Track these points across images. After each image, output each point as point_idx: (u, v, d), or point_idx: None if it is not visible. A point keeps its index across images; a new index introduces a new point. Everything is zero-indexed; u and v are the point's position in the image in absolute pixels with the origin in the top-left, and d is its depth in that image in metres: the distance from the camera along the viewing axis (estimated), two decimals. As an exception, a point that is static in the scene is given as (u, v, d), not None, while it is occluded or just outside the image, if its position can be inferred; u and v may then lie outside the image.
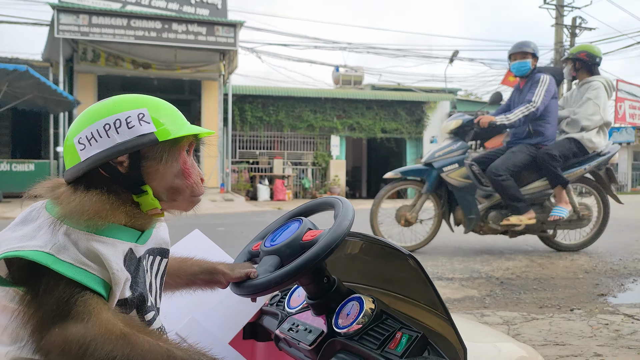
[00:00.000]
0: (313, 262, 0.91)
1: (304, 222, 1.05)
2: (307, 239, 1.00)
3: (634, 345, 2.60)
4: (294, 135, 17.25)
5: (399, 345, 0.89)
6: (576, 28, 22.20)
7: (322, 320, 1.04)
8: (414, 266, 0.89)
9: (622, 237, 6.67)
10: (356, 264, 1.18)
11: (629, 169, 27.54)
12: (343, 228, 0.95)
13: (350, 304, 1.03)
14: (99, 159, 0.78)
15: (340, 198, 1.07)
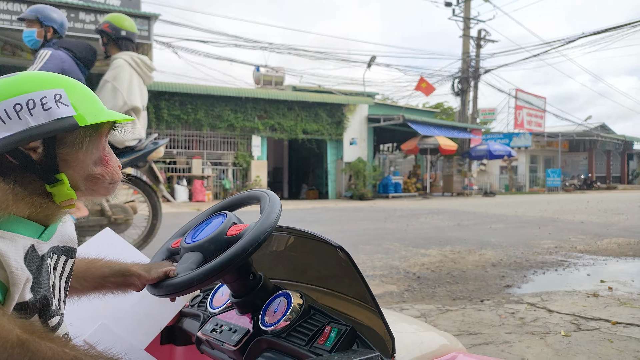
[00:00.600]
0: (239, 257, 0.85)
1: (228, 216, 0.99)
2: (232, 234, 0.94)
3: (536, 331, 2.81)
4: (213, 135, 16.80)
5: (328, 340, 0.86)
6: (481, 40, 23.98)
7: (247, 319, 0.99)
8: (344, 258, 0.87)
9: (524, 233, 7.27)
10: (283, 259, 1.14)
11: (527, 172, 30.20)
12: (270, 221, 0.90)
13: (278, 300, 0.98)
14: (7, 143, 0.67)
15: (266, 191, 1.02)
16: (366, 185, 18.17)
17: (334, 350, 0.84)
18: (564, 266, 4.87)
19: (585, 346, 2.52)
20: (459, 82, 23.35)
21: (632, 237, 6.68)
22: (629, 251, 5.72)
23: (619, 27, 19.18)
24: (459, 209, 11.82)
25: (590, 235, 6.95)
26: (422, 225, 8.26)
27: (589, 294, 3.70)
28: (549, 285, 4.11)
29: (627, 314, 3.12)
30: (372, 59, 20.44)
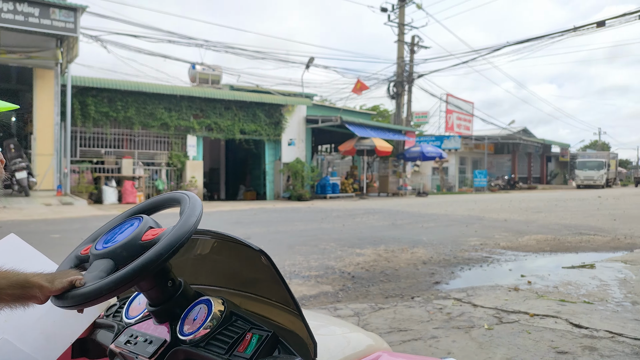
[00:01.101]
0: (154, 263, 0.80)
1: (144, 220, 0.93)
2: (147, 239, 0.88)
3: (462, 325, 2.94)
4: (145, 134, 16.10)
5: (249, 347, 0.84)
6: (415, 45, 24.85)
7: (165, 329, 0.94)
8: (265, 262, 0.85)
9: (453, 231, 7.61)
10: (206, 264, 1.10)
11: (456, 172, 31.69)
12: (189, 225, 0.86)
13: (198, 307, 0.94)
14: None
15: (187, 193, 0.97)
16: (304, 186, 18.22)
17: (254, 357, 0.82)
18: (488, 262, 5.15)
19: (506, 338, 2.67)
20: (394, 85, 24.06)
21: (549, 234, 7.19)
22: (546, 247, 6.15)
23: (539, 37, 20.62)
24: (393, 209, 12.16)
25: (513, 232, 7.41)
26: (358, 225, 8.41)
27: (510, 288, 3.93)
28: (474, 281, 4.32)
29: (544, 306, 3.34)
30: (311, 60, 20.55)
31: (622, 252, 5.77)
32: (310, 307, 3.50)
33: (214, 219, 9.78)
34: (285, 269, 4.75)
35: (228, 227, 8.17)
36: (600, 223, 8.59)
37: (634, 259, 5.22)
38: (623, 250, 5.86)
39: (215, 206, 13.95)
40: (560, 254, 5.73)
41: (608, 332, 2.73)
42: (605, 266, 4.84)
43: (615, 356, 2.37)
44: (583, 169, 36.59)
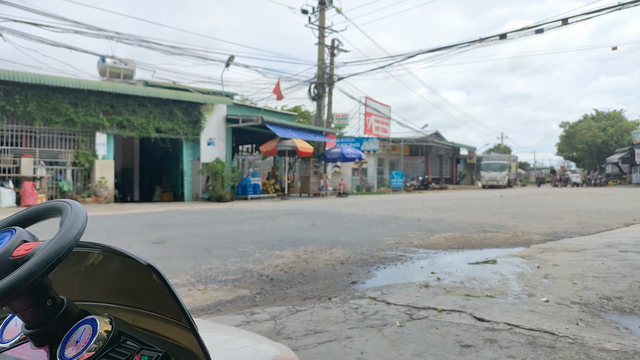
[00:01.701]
0: (24, 282, 0.71)
1: (17, 232, 0.82)
2: (19, 254, 0.78)
3: (375, 324, 3.01)
4: (48, 131, 14.83)
5: None
6: (335, 49, 25.33)
7: (44, 354, 0.84)
8: (155, 276, 0.79)
9: (370, 230, 7.83)
10: (94, 279, 1.00)
11: (375, 173, 32.79)
12: (69, 238, 0.77)
13: (82, 328, 0.85)
14: None
15: (69, 201, 0.87)
16: (224, 187, 17.83)
17: None
18: (402, 260, 5.35)
19: (416, 335, 2.78)
20: (315, 87, 24.35)
21: (456, 232, 7.65)
22: (454, 244, 6.53)
23: (449, 47, 21.92)
24: (314, 210, 12.28)
25: (425, 231, 7.79)
26: (278, 226, 8.37)
27: (421, 285, 4.11)
28: (389, 279, 4.46)
29: (451, 301, 3.53)
30: (231, 58, 20.16)
31: (521, 247, 6.29)
32: (226, 312, 3.41)
33: (127, 222, 9.24)
34: (201, 273, 4.59)
35: (140, 231, 7.75)
36: (502, 221, 9.30)
37: (530, 254, 5.70)
38: (521, 246, 6.38)
39: (127, 208, 13.19)
40: (467, 250, 6.11)
41: (507, 324, 2.94)
42: (505, 261, 5.23)
43: (512, 347, 2.55)
44: (487, 170, 39.61)
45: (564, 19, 18.10)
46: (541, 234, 7.47)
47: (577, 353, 2.42)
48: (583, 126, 55.54)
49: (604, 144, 52.51)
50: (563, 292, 3.84)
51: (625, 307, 3.39)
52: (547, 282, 4.25)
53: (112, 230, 7.80)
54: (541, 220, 9.35)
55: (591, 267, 4.74)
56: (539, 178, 48.05)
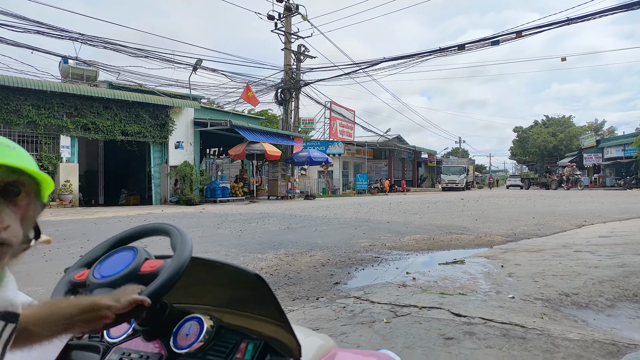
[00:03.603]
0: (161, 294, 0.92)
1: (139, 252, 1.02)
2: (146, 270, 0.98)
3: (365, 320, 3.30)
4: (9, 133, 14.34)
5: (246, 354, 1.00)
6: (301, 54, 25.61)
7: (156, 345, 1.05)
8: (258, 283, 1.03)
9: (344, 233, 8.14)
10: (188, 285, 1.22)
11: (340, 176, 33.25)
12: (185, 258, 0.96)
13: (188, 324, 1.07)
14: None
15: (175, 225, 1.08)
16: (193, 190, 17.75)
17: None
18: (378, 262, 5.68)
19: (403, 329, 3.08)
20: (282, 92, 24.54)
21: (425, 234, 8.07)
22: (424, 246, 6.92)
23: (411, 55, 22.62)
24: (286, 213, 12.49)
25: (395, 233, 8.17)
26: (255, 230, 8.55)
27: (399, 285, 4.43)
28: (368, 280, 4.76)
29: (429, 299, 3.87)
30: (198, 62, 20.08)
31: (484, 248, 6.75)
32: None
33: (102, 227, 9.16)
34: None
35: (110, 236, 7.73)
36: (465, 223, 9.83)
37: (494, 254, 6.15)
38: (485, 247, 6.85)
39: (95, 212, 12.96)
40: (436, 251, 6.51)
41: (481, 319, 3.30)
42: (472, 262, 5.64)
43: (489, 338, 2.89)
44: (447, 173, 40.88)
45: (518, 32, 19.09)
46: (502, 235, 7.99)
47: (545, 342, 2.79)
48: (534, 131, 58.26)
49: (554, 148, 55.28)
50: (526, 290, 4.24)
51: (582, 302, 3.82)
52: (512, 280, 4.66)
53: (90, 236, 7.75)
54: (501, 222, 9.94)
55: (550, 266, 5.21)
56: (490, 182, 50.73)
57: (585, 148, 45.27)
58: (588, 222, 10.03)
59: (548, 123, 59.21)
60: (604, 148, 42.31)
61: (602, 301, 3.83)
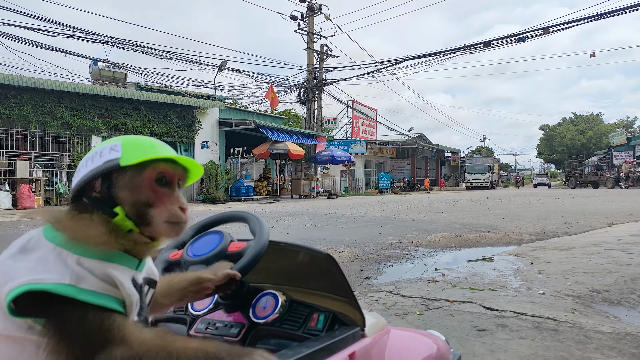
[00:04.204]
0: (248, 270, 1.08)
1: (225, 235, 1.19)
2: (232, 250, 1.14)
3: (398, 313, 3.40)
4: (44, 134, 14.90)
5: (318, 323, 1.14)
6: (324, 54, 25.73)
7: (237, 316, 1.21)
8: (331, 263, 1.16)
9: (370, 231, 8.23)
10: (260, 264, 1.37)
11: (362, 175, 33.27)
12: (264, 240, 1.14)
13: (264, 298, 1.22)
14: (78, 184, 0.84)
15: (252, 213, 1.25)
16: (218, 189, 18.08)
17: (324, 330, 1.13)
18: (406, 258, 5.76)
19: (436, 321, 3.17)
20: (305, 91, 24.72)
21: (452, 232, 8.09)
22: (451, 244, 6.96)
23: (435, 53, 22.51)
24: (311, 211, 12.64)
25: (421, 231, 8.21)
26: (283, 227, 8.72)
27: (429, 280, 4.51)
28: (398, 275, 4.86)
29: (459, 294, 3.94)
30: (224, 63, 20.41)
31: (513, 246, 6.75)
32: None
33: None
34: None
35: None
36: (492, 221, 9.79)
37: (523, 252, 6.16)
38: (513, 245, 6.84)
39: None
40: (464, 249, 6.55)
41: (513, 312, 3.36)
42: (501, 259, 5.67)
43: (521, 330, 2.96)
44: (472, 172, 40.39)
45: (545, 28, 18.80)
46: (530, 233, 7.96)
47: (577, 335, 2.84)
48: (562, 129, 57.05)
49: (583, 146, 54.03)
50: (557, 286, 4.27)
51: (613, 299, 3.84)
52: (542, 277, 4.68)
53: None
54: (529, 221, 9.87)
55: (580, 264, 5.20)
56: (518, 181, 49.58)
57: (615, 146, 44.10)
58: (619, 220, 9.87)
59: (576, 120, 57.92)
60: (635, 146, 41.13)
61: (634, 298, 3.84)
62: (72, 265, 0.75)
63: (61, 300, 0.72)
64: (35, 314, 0.73)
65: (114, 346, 0.72)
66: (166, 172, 0.87)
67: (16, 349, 0.73)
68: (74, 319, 0.72)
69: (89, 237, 0.78)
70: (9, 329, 0.73)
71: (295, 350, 0.96)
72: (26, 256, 0.76)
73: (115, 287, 0.78)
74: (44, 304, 0.72)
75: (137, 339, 0.75)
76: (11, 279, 0.72)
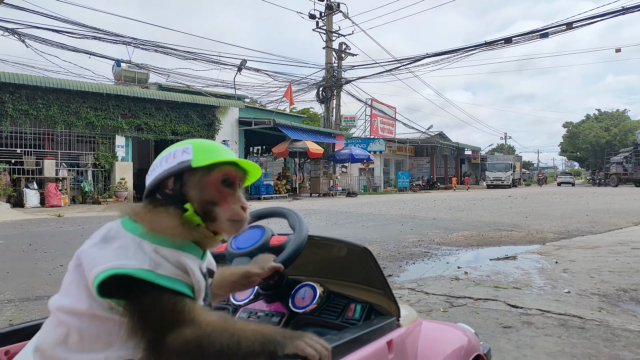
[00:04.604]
0: (291, 261, 1.14)
1: (266, 229, 1.25)
2: (274, 244, 1.21)
3: (422, 309, 3.42)
4: (69, 134, 15.28)
5: (355, 313, 1.20)
6: (342, 52, 25.71)
7: (277, 306, 1.26)
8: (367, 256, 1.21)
9: (391, 229, 8.23)
10: (305, 259, 1.43)
11: (381, 174, 33.16)
12: (304, 235, 1.20)
13: (303, 290, 1.28)
14: (153, 181, 0.93)
15: (291, 209, 1.32)
16: (238, 188, 18.24)
17: (361, 320, 1.18)
18: (428, 256, 5.75)
19: (460, 318, 3.19)
20: (323, 90, 24.75)
21: (473, 230, 8.05)
22: (473, 242, 6.92)
23: (455, 50, 22.28)
24: (331, 209, 12.69)
25: (443, 229, 8.18)
26: (302, 225, 8.78)
27: (452, 278, 4.51)
28: (420, 273, 4.86)
29: (483, 292, 3.94)
30: (243, 63, 20.59)
31: (536, 245, 6.68)
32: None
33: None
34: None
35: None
36: (515, 220, 9.69)
37: (547, 251, 6.10)
38: (536, 244, 6.77)
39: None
40: (486, 247, 6.51)
41: (538, 310, 3.35)
42: (525, 257, 5.63)
43: (547, 327, 2.96)
44: (492, 170, 39.86)
45: (568, 24, 18.43)
46: (554, 232, 7.85)
47: (604, 332, 2.83)
48: (586, 126, 55.81)
49: (607, 143, 52.77)
50: (582, 285, 4.22)
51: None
52: (567, 276, 4.64)
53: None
54: (552, 219, 9.74)
55: (606, 263, 5.13)
56: (540, 179, 48.72)
57: (642, 143, 42.95)
58: (645, 219, 9.67)
59: (601, 117, 56.61)
60: (662, 143, 40.01)
61: (663, 297, 3.79)
62: (150, 252, 0.83)
63: (140, 283, 0.80)
64: (118, 295, 0.81)
65: (184, 326, 0.80)
66: (230, 174, 0.94)
67: (99, 326, 0.82)
68: (151, 300, 0.80)
69: (166, 228, 0.86)
70: (94, 308, 0.82)
71: (339, 335, 1.01)
72: (108, 245, 0.85)
73: (187, 273, 0.85)
74: (125, 287, 0.80)
75: (205, 320, 0.83)
76: (97, 264, 0.81)
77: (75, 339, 0.82)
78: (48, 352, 0.84)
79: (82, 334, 0.82)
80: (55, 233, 7.53)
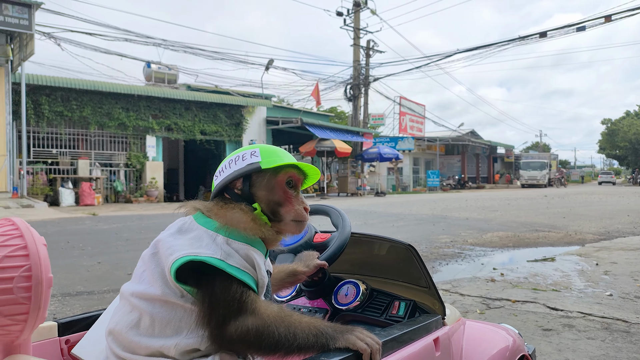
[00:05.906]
0: (334, 259, 1.11)
1: (309, 226, 1.23)
2: (317, 241, 1.19)
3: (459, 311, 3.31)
4: (102, 134, 15.68)
5: (399, 310, 1.15)
6: (370, 50, 25.52)
7: (320, 302, 1.24)
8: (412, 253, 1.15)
9: (422, 229, 8.08)
10: (347, 256, 1.40)
11: (410, 173, 32.78)
12: (347, 233, 1.19)
13: (346, 287, 1.25)
14: (223, 181, 0.98)
15: (334, 207, 1.29)
16: (266, 187, 18.34)
17: (405, 317, 1.12)
18: (462, 257, 5.60)
19: (498, 320, 3.05)
20: (351, 88, 24.62)
21: (508, 231, 7.81)
22: (508, 243, 6.71)
23: (487, 45, 21.80)
24: (360, 209, 12.59)
25: (476, 230, 7.98)
26: (331, 224, 8.72)
27: (487, 280, 4.36)
28: (454, 274, 4.73)
29: (521, 294, 3.78)
30: (270, 62, 20.69)
31: (575, 246, 6.42)
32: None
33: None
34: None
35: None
36: (552, 221, 9.37)
37: (587, 252, 5.85)
38: (576, 245, 6.51)
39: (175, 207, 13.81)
40: (522, 248, 6.29)
41: (580, 313, 3.19)
42: (563, 259, 5.41)
43: (589, 331, 2.80)
44: (527, 169, 38.80)
45: (607, 16, 17.76)
46: (594, 233, 7.54)
47: (654, 338, 2.65)
48: (626, 123, 53.72)
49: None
50: (625, 288, 4.01)
51: (692, 301, 3.56)
52: (608, 278, 4.42)
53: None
54: (592, 220, 9.37)
55: (652, 264, 4.87)
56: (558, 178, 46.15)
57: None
58: (692, 219, 9.19)
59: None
60: None
61: None
62: (222, 244, 0.89)
63: (212, 271, 0.86)
64: (191, 282, 0.87)
65: (247, 315, 0.85)
66: (294, 176, 1.01)
67: (170, 312, 0.88)
68: (220, 287, 0.85)
69: (239, 222, 0.92)
70: (166, 294, 0.87)
71: (387, 331, 1.00)
72: (183, 235, 0.91)
73: (253, 267, 0.90)
74: (198, 274, 0.86)
75: (265, 311, 0.87)
76: (175, 251, 0.87)
77: (147, 323, 0.87)
78: (121, 335, 0.89)
79: (153, 319, 0.87)
80: (91, 231, 7.71)
